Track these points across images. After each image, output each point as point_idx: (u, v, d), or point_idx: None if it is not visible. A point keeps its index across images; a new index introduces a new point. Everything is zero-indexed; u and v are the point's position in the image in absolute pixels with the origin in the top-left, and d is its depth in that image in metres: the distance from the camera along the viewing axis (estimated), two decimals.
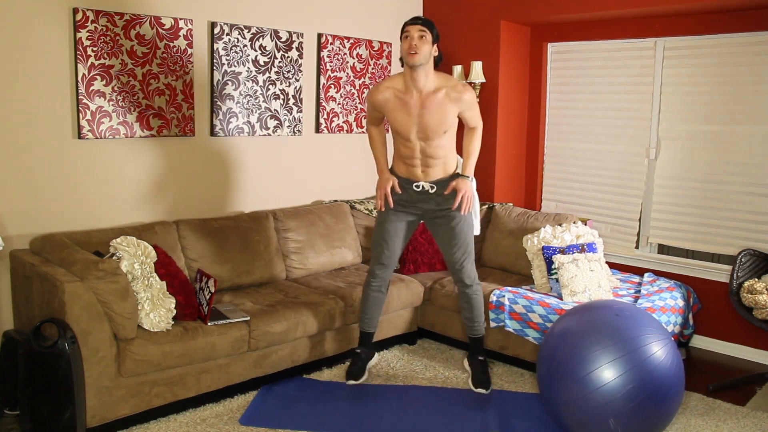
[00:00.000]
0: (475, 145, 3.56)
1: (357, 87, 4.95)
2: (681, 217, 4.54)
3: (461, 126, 3.56)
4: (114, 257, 3.17)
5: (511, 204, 4.93)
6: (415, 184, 3.53)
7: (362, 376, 3.68)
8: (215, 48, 4.10)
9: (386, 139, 3.74)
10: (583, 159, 4.99)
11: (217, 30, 4.09)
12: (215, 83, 4.13)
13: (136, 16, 3.73)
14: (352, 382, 3.61)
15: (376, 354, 3.94)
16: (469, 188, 3.50)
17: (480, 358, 3.71)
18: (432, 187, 3.52)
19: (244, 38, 4.23)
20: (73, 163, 3.64)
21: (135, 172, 3.89)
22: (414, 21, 3.37)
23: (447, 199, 3.53)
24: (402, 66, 3.44)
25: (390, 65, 5.15)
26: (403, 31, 3.38)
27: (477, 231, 3.69)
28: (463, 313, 3.75)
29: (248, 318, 3.47)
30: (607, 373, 2.79)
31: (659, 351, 2.85)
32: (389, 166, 3.67)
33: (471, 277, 3.65)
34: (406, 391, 3.68)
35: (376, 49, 5.04)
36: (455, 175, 3.55)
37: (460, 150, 3.63)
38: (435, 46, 3.36)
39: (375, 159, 3.69)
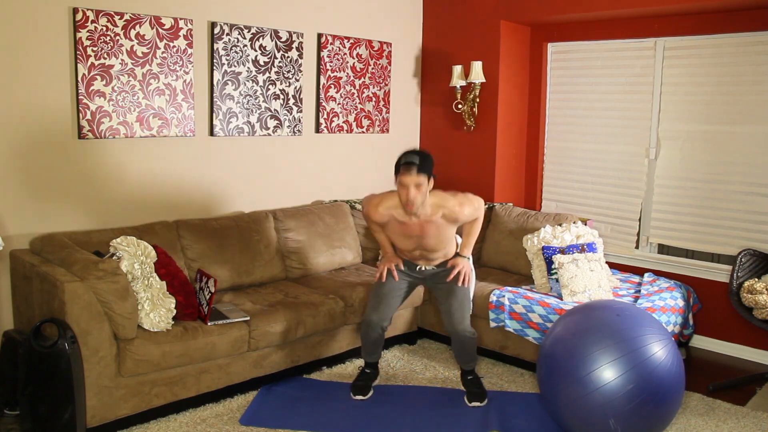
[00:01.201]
0: (475, 229, 3.62)
1: (357, 87, 4.95)
2: (681, 217, 4.54)
3: None
4: (114, 257, 3.17)
5: (511, 204, 4.93)
6: (417, 267, 3.67)
7: (369, 392, 3.63)
8: (215, 48, 4.10)
9: None
10: (583, 159, 4.99)
11: (217, 30, 4.09)
12: (215, 83, 4.13)
13: (136, 16, 3.73)
14: (360, 397, 3.57)
15: (380, 374, 3.86)
16: (467, 265, 3.60)
17: (470, 377, 3.64)
18: (433, 269, 3.66)
19: (244, 38, 4.23)
20: (73, 163, 3.64)
21: (135, 172, 3.89)
22: (409, 168, 3.23)
23: (448, 272, 3.61)
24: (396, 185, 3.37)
25: (390, 65, 5.15)
26: (397, 171, 3.28)
27: (469, 311, 3.64)
28: (455, 351, 3.62)
29: (248, 318, 3.47)
30: (608, 373, 2.79)
31: (659, 351, 2.85)
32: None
33: (468, 330, 3.54)
34: (406, 391, 3.68)
35: (376, 49, 5.04)
36: (455, 255, 3.65)
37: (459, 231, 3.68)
38: (431, 179, 3.33)
39: (379, 243, 3.75)
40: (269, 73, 4.40)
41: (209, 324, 3.33)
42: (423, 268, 3.67)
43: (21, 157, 3.45)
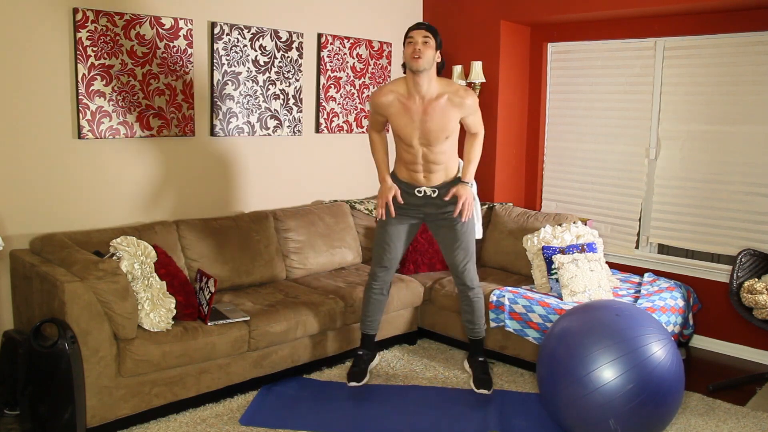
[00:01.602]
0: (476, 150, 3.57)
1: (357, 87, 4.95)
2: (681, 217, 4.54)
3: (463, 131, 3.55)
4: (114, 257, 3.17)
5: (511, 204, 4.93)
6: (417, 189, 3.54)
7: (364, 377, 3.67)
8: (215, 48, 4.10)
9: (387, 145, 3.73)
10: (583, 159, 4.99)
11: (217, 30, 4.09)
12: (215, 83, 4.13)
13: (136, 16, 3.73)
14: (354, 384, 3.61)
15: (378, 355, 3.94)
16: (469, 194, 3.50)
17: (480, 359, 3.71)
18: (434, 191, 3.53)
19: (244, 38, 4.23)
20: (73, 163, 3.64)
21: (135, 172, 3.89)
22: (418, 26, 3.37)
23: (449, 203, 3.53)
24: (404, 71, 3.43)
25: (390, 65, 5.15)
26: (406, 36, 3.38)
27: (479, 234, 3.68)
28: (464, 315, 3.75)
29: (248, 318, 3.47)
30: (607, 373, 2.79)
31: (659, 351, 2.85)
32: (391, 171, 3.66)
33: (473, 280, 3.65)
34: (406, 391, 3.68)
35: (376, 49, 5.04)
36: (456, 180, 3.55)
37: (461, 154, 3.62)
38: (438, 52, 3.37)
39: (376, 165, 3.66)
40: (269, 73, 4.40)
41: (209, 324, 3.33)
42: (423, 191, 3.52)
43: (21, 157, 3.45)
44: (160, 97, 3.89)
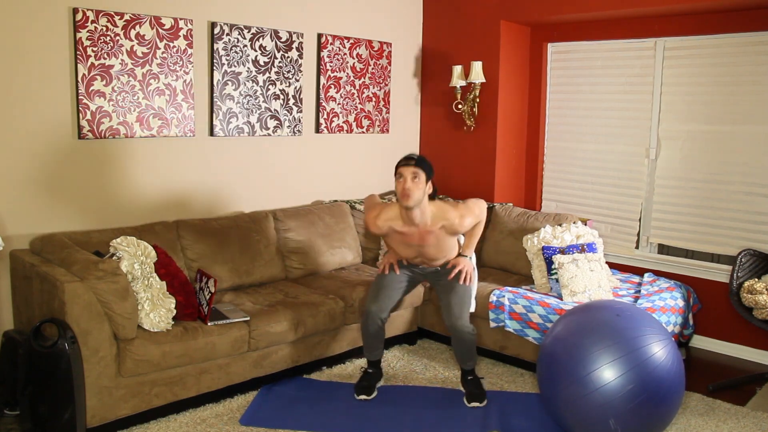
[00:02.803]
0: (477, 230, 3.63)
1: (357, 87, 4.95)
2: (681, 217, 4.54)
3: None
4: (114, 257, 3.17)
5: (511, 204, 4.93)
6: (420, 267, 3.71)
7: (373, 392, 3.59)
8: (215, 48, 4.10)
9: None
10: (583, 159, 4.99)
11: (217, 30, 4.09)
12: (215, 83, 4.13)
13: (136, 16, 3.73)
14: (363, 397, 3.55)
15: (383, 375, 3.83)
16: (468, 264, 3.61)
17: (470, 377, 3.63)
18: (435, 270, 3.69)
19: (244, 38, 4.23)
20: (73, 163, 3.64)
21: (135, 172, 3.89)
22: (407, 162, 3.33)
23: (449, 270, 3.63)
24: (397, 201, 3.43)
25: (390, 65, 5.15)
26: (396, 170, 3.35)
27: (472, 309, 3.67)
28: (455, 350, 3.61)
29: (248, 318, 3.47)
30: (608, 374, 2.79)
31: (660, 351, 2.85)
32: None
33: (466, 326, 3.53)
34: (406, 391, 3.68)
35: (376, 49, 5.04)
36: (457, 255, 3.66)
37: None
38: (429, 183, 3.36)
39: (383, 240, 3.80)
40: (269, 73, 4.40)
41: (209, 324, 3.33)
42: (425, 269, 3.71)
43: (21, 157, 3.45)
44: (160, 98, 3.89)
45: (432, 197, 3.44)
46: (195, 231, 3.91)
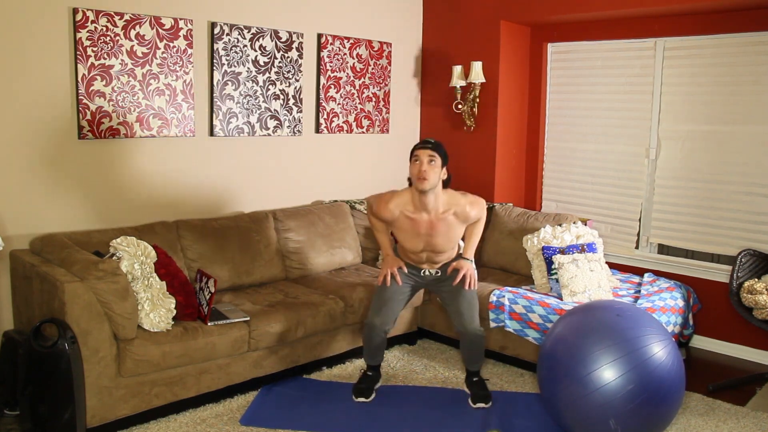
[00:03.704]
0: (477, 231, 3.61)
1: (357, 87, 4.95)
2: (681, 217, 4.54)
3: None
4: (114, 257, 3.17)
5: (511, 204, 4.93)
6: (420, 270, 3.62)
7: (371, 394, 3.58)
8: (215, 48, 4.10)
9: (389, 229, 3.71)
10: (583, 159, 4.99)
11: (217, 30, 4.09)
12: (215, 83, 4.13)
13: (136, 16, 3.73)
14: (362, 399, 3.53)
15: (381, 377, 3.81)
16: (470, 267, 3.57)
17: (475, 378, 3.63)
18: (437, 273, 3.62)
19: (244, 38, 4.23)
20: (73, 163, 3.64)
21: (135, 172, 3.89)
22: (423, 145, 3.36)
23: (450, 277, 3.59)
24: (409, 185, 3.43)
25: (390, 65, 5.15)
26: (412, 154, 3.36)
27: (477, 310, 3.62)
28: (465, 353, 3.64)
29: (248, 318, 3.47)
30: (608, 374, 2.79)
31: (660, 351, 2.85)
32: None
33: (478, 329, 3.55)
34: (406, 391, 3.68)
35: (376, 49, 5.04)
36: (457, 257, 3.62)
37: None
38: (444, 168, 3.37)
39: (380, 243, 3.71)
40: (269, 73, 4.40)
41: (209, 324, 3.33)
42: (427, 272, 3.63)
43: (21, 157, 3.45)
44: (160, 98, 3.89)
45: (445, 185, 3.43)
46: (195, 231, 3.91)
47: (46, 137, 3.52)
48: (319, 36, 4.67)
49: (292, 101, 4.55)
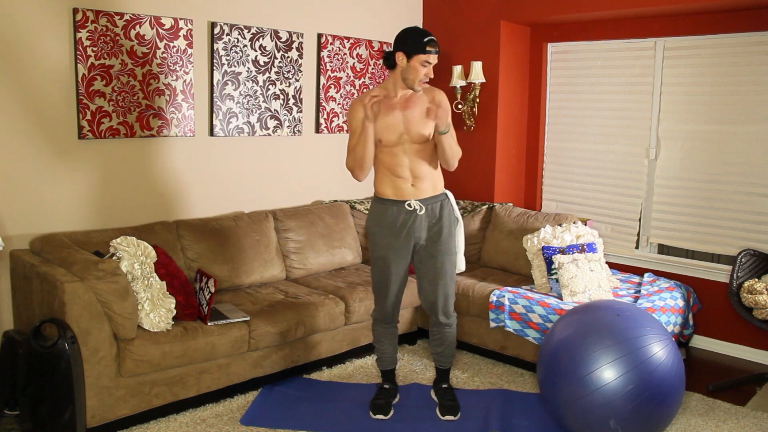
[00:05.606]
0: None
1: (357, 87, 4.95)
2: (681, 217, 4.54)
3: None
4: (114, 257, 3.17)
5: (511, 204, 4.93)
6: (406, 203, 3.24)
7: (390, 411, 3.41)
8: (215, 48, 4.10)
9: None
10: (583, 159, 4.99)
11: (217, 30, 4.09)
12: (215, 83, 4.13)
13: (136, 16, 3.73)
14: (380, 417, 3.36)
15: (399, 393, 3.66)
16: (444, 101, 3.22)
17: (444, 386, 3.51)
18: (421, 208, 3.24)
19: (244, 38, 4.23)
20: (73, 163, 3.63)
21: (135, 172, 3.89)
22: (436, 49, 3.12)
23: (437, 222, 3.28)
24: (388, 69, 3.23)
25: None
26: (421, 51, 3.08)
27: (462, 267, 3.44)
28: (434, 348, 3.47)
29: (248, 318, 3.47)
30: (608, 374, 2.79)
31: (660, 351, 2.85)
32: (375, 195, 3.37)
33: (450, 315, 3.40)
34: (406, 391, 3.68)
35: (376, 49, 5.04)
36: (443, 195, 3.34)
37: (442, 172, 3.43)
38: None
39: (362, 143, 3.26)
40: (269, 73, 4.40)
41: (209, 324, 3.33)
42: (412, 206, 3.23)
43: (21, 157, 3.45)
44: (160, 97, 3.89)
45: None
46: (195, 231, 3.91)
47: (46, 137, 3.52)
48: (319, 36, 4.67)
49: (292, 101, 4.55)
